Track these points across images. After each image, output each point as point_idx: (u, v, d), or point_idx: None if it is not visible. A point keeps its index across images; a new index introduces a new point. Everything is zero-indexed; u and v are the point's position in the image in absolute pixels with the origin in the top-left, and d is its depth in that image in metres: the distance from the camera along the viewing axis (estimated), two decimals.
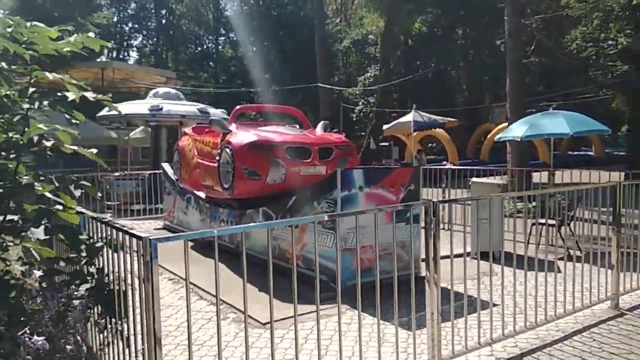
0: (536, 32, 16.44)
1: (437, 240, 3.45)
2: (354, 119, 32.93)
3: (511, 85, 11.49)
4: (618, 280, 4.68)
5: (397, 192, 5.63)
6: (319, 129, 7.37)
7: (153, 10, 46.60)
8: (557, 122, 7.09)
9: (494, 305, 4.10)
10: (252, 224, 5.41)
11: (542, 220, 6.38)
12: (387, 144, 23.27)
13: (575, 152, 30.14)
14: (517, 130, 7.51)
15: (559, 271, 4.92)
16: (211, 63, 47.36)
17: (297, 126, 7.90)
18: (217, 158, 6.67)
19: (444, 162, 22.13)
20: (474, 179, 6.89)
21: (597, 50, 27.50)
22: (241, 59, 45.13)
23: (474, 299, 3.93)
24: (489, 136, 24.25)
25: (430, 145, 34.67)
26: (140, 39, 47.45)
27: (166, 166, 9.73)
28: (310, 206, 5.64)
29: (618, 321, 4.31)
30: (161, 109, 13.28)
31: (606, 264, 4.75)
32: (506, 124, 11.35)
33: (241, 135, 6.45)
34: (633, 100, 14.74)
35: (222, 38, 48.35)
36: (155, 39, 47.50)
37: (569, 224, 6.81)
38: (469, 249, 6.60)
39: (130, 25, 46.45)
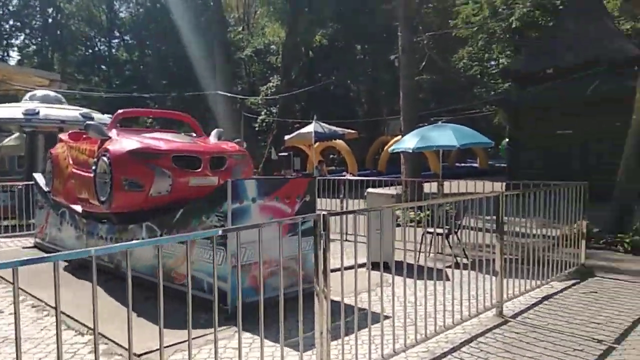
0: (427, 49, 17.34)
1: (327, 254, 3.27)
2: (257, 128, 32.59)
3: (404, 99, 11.93)
4: (502, 287, 4.84)
5: (293, 203, 5.41)
6: (212, 137, 6.97)
7: (38, 8, 42.66)
8: (445, 135, 7.39)
9: (386, 317, 4.03)
10: (137, 241, 4.88)
11: (433, 230, 6.54)
12: (286, 154, 23.20)
13: (463, 164, 32.35)
14: (409, 142, 7.72)
15: (448, 279, 5.02)
16: (103, 66, 44.40)
17: (194, 134, 7.44)
18: (94, 167, 6.00)
19: (344, 173, 22.57)
20: (369, 190, 6.92)
21: (481, 69, 29.97)
22: (137, 63, 42.87)
23: (370, 312, 3.83)
24: (385, 148, 25.19)
25: (331, 156, 35.33)
26: (22, 38, 43.15)
27: (38, 176, 8.69)
28: (198, 220, 5.22)
29: (503, 329, 4.43)
30: (37, 113, 11.96)
31: (491, 271, 4.91)
32: (400, 136, 11.74)
33: (121, 142, 5.85)
34: (512, 116, 16.06)
35: (116, 40, 45.56)
36: (39, 39, 43.47)
37: (456, 233, 7.06)
38: (363, 260, 6.61)
39: (11, 22, 42.05)
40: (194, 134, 7.41)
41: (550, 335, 4.23)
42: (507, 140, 19.83)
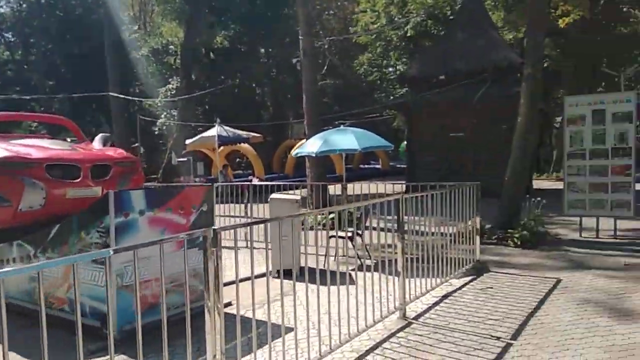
0: (329, 54, 17.55)
1: (218, 270, 2.96)
2: (156, 132, 30.97)
3: (307, 102, 11.88)
4: (405, 288, 4.83)
5: (188, 214, 5.01)
6: (96, 143, 6.31)
7: None
8: (347, 139, 7.39)
9: (289, 330, 3.82)
10: (13, 269, 4.19)
11: (340, 233, 6.46)
12: (185, 159, 22.22)
13: (366, 166, 33.35)
14: (312, 146, 7.62)
15: (353, 282, 4.93)
16: None
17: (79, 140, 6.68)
18: None
19: (250, 177, 22.15)
20: (273, 195, 6.68)
21: (380, 75, 31.17)
22: (20, 62, 38.90)
23: (274, 326, 3.59)
24: (291, 151, 25.18)
25: (237, 160, 34.64)
26: None
27: None
28: (77, 237, 4.63)
29: (406, 332, 4.40)
30: None
31: (393, 271, 4.88)
32: (305, 139, 11.66)
33: None
34: (409, 119, 16.74)
35: None
36: None
37: (360, 235, 7.07)
38: (263, 270, 6.35)
39: None
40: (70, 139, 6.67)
41: (452, 335, 4.27)
42: (405, 142, 20.68)
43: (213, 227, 2.87)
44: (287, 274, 4.92)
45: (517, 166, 8.96)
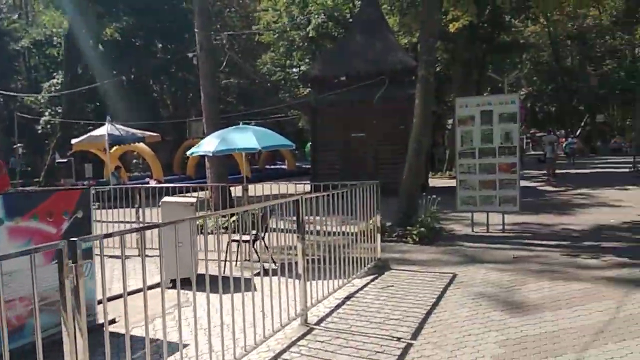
0: (229, 50, 17.02)
1: (78, 288, 2.48)
2: (40, 131, 28.17)
3: (206, 99, 11.32)
4: (306, 291, 4.63)
5: (59, 222, 4.38)
6: None
7: None
8: (246, 137, 7.06)
9: (185, 346, 3.45)
10: None
11: (242, 237, 6.13)
12: (64, 160, 20.39)
13: (272, 166, 33.08)
14: (209, 144, 7.18)
15: (256, 289, 4.65)
16: None
17: None
18: None
19: (147, 179, 20.85)
20: (164, 199, 6.16)
21: (284, 74, 31.19)
22: None
23: (171, 343, 3.19)
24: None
25: (134, 161, 32.57)
26: None
27: None
28: None
29: (308, 339, 4.20)
30: None
31: (294, 274, 4.66)
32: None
33: None
34: (312, 119, 16.75)
35: None
36: None
37: (262, 238, 6.79)
38: (156, 280, 5.84)
39: None
40: None
41: (354, 339, 4.14)
42: (310, 143, 20.71)
43: (71, 239, 2.41)
44: (185, 283, 4.53)
45: (413, 165, 9.21)
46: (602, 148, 41.62)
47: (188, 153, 7.82)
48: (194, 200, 6.23)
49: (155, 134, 18.61)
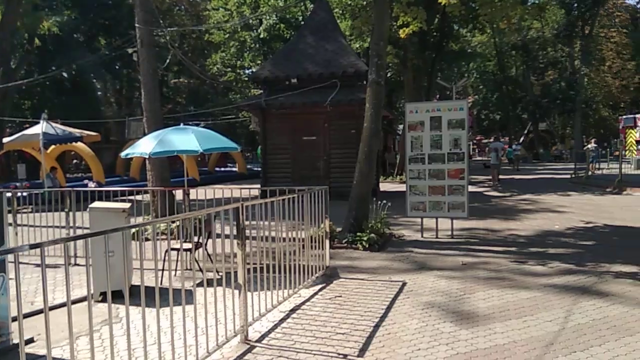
0: (173, 46, 16.36)
1: None
2: None
3: (147, 97, 10.70)
4: (247, 305, 4.28)
5: None
6: None
7: None
8: (186, 139, 6.62)
9: None
10: None
11: (182, 245, 5.74)
12: None
13: (223, 168, 32.32)
14: (146, 146, 6.68)
15: (191, 302, 4.27)
16: None
17: None
18: None
19: (86, 181, 19.76)
20: (93, 205, 5.63)
21: (235, 75, 30.58)
22: None
23: None
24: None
25: (74, 161, 30.95)
26: None
27: None
28: None
29: (247, 359, 3.85)
30: None
31: (232, 285, 4.31)
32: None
33: None
34: (262, 121, 16.34)
35: None
36: None
37: (205, 245, 6.38)
38: (84, 292, 5.33)
39: None
40: None
41: (297, 357, 3.84)
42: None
43: None
44: (116, 297, 4.16)
45: (364, 169, 9.04)
46: (545, 155, 43.50)
47: (122, 155, 7.27)
48: (127, 205, 5.74)
49: (94, 134, 17.63)
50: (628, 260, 6.85)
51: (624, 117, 33.47)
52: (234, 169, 32.07)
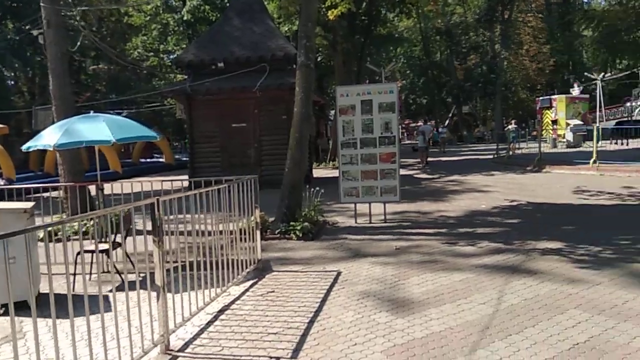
0: (81, 27, 15.12)
1: None
2: None
3: (55, 82, 9.71)
4: (167, 309, 3.88)
5: None
6: None
7: None
8: (97, 128, 5.98)
9: None
10: None
11: (93, 247, 5.21)
12: None
13: (148, 159, 30.79)
14: (50, 137, 5.97)
15: (111, 309, 3.80)
16: None
17: None
18: None
19: None
20: None
21: (158, 60, 29.06)
22: None
23: None
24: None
25: None
26: None
27: None
28: None
29: None
30: None
31: (150, 287, 3.89)
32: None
33: None
34: (188, 108, 15.58)
35: None
36: None
37: (120, 245, 5.83)
38: None
39: None
40: None
41: None
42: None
43: None
44: (20, 308, 3.62)
45: (296, 156, 8.75)
46: (468, 137, 45.41)
47: (24, 148, 6.48)
48: (29, 205, 5.08)
49: (2, 126, 16.09)
50: (552, 236, 7.09)
51: (541, 98, 35.56)
52: (160, 160, 30.68)
